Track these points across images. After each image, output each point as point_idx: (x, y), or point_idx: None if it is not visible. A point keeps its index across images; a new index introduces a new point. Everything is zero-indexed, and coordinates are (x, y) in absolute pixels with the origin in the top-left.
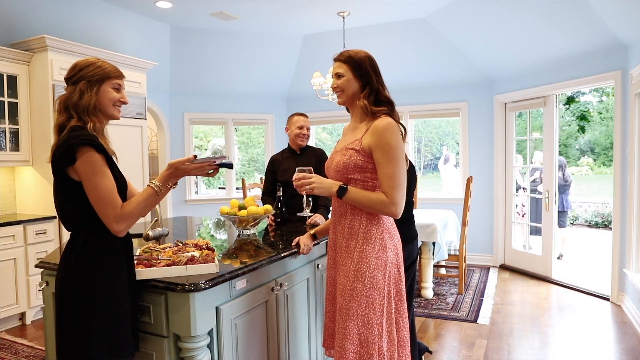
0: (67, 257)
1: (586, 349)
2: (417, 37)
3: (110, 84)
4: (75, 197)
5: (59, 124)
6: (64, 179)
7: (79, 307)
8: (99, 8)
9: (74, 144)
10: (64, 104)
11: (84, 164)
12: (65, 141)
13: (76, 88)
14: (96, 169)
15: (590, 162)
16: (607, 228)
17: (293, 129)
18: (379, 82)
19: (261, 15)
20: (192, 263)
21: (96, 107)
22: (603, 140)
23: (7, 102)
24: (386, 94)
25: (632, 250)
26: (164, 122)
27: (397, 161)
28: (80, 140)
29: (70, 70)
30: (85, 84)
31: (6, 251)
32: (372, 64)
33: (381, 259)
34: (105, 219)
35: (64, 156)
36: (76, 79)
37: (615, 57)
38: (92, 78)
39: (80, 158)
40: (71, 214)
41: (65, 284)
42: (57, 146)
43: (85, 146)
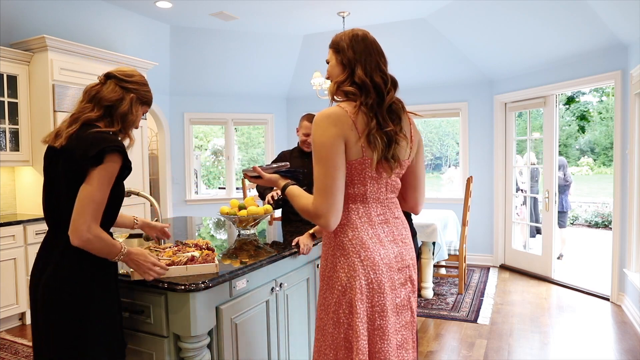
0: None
1: (586, 349)
2: (417, 37)
3: (144, 109)
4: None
5: (88, 118)
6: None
7: (76, 308)
8: (99, 8)
9: (106, 148)
10: (104, 102)
11: (103, 169)
12: (96, 141)
13: (125, 97)
14: (108, 178)
15: (590, 162)
16: (607, 228)
17: (300, 134)
18: (357, 61)
19: (261, 15)
20: (192, 263)
21: (133, 124)
22: (603, 140)
23: (7, 102)
24: (361, 75)
25: (632, 250)
26: (164, 122)
27: (319, 162)
28: (113, 145)
29: (126, 75)
30: (136, 98)
31: (6, 251)
32: (353, 42)
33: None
34: (79, 221)
35: (92, 158)
36: (129, 89)
37: (615, 57)
38: (142, 97)
39: (105, 163)
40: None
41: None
42: (83, 142)
43: (116, 153)
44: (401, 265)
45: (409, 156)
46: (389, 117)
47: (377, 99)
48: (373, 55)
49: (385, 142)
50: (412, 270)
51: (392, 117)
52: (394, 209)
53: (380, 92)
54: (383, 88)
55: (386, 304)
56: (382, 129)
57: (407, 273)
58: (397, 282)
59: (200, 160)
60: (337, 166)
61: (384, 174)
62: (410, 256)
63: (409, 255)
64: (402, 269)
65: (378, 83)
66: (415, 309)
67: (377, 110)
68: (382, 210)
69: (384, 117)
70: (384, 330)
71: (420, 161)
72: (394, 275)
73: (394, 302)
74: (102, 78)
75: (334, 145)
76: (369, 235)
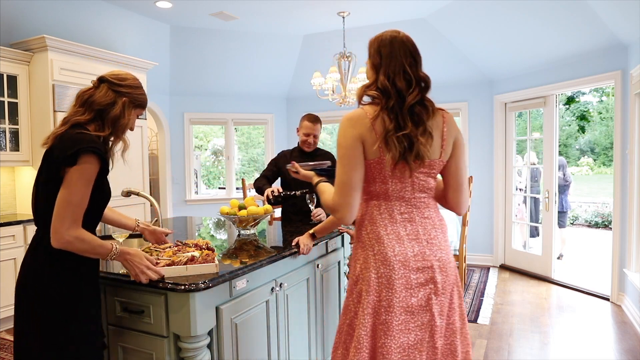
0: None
1: (586, 349)
2: (417, 37)
3: (138, 112)
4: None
5: (78, 121)
6: (59, 178)
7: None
8: (99, 8)
9: (81, 149)
10: (96, 106)
11: (78, 170)
12: (73, 142)
13: (117, 101)
14: (85, 179)
15: (590, 162)
16: (607, 228)
17: (300, 134)
18: (381, 66)
19: (261, 15)
20: (193, 263)
21: (125, 128)
22: (603, 140)
23: (7, 102)
24: (382, 80)
25: (632, 250)
26: (164, 122)
27: (340, 160)
28: (89, 146)
29: (119, 79)
30: (128, 102)
31: (6, 251)
32: (380, 46)
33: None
34: (58, 223)
35: (66, 158)
36: (121, 92)
37: (615, 57)
38: (135, 101)
39: (79, 164)
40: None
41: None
42: (62, 142)
43: (91, 154)
44: (421, 265)
45: (440, 155)
46: (410, 119)
47: (398, 102)
48: (398, 58)
49: (405, 144)
50: (435, 272)
51: (413, 119)
52: (424, 209)
53: (402, 94)
54: (405, 90)
55: (394, 300)
56: (400, 131)
57: (429, 274)
58: (415, 282)
59: (200, 160)
60: (354, 165)
61: (407, 174)
62: (436, 257)
63: (435, 256)
64: (423, 269)
65: (400, 86)
66: (440, 312)
67: (397, 112)
68: (407, 209)
69: (404, 119)
70: (389, 326)
71: (458, 161)
72: (411, 274)
73: (407, 300)
74: (95, 82)
75: (351, 145)
76: (387, 231)
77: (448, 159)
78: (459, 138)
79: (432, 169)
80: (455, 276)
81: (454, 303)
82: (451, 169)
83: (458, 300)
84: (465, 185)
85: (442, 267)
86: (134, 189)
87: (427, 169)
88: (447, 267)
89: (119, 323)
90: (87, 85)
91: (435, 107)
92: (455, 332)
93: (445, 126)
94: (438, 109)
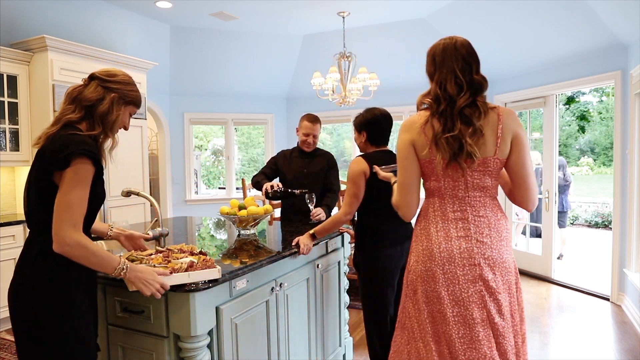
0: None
1: (586, 349)
2: (417, 37)
3: (130, 110)
4: (51, 199)
5: (70, 120)
6: (49, 181)
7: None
8: (99, 8)
9: (72, 152)
10: (85, 103)
11: (72, 172)
12: (63, 145)
13: (106, 96)
14: (80, 181)
15: (590, 162)
16: (607, 228)
17: (300, 134)
18: (434, 74)
19: (261, 15)
20: (193, 269)
21: (114, 124)
22: (603, 140)
23: (7, 102)
24: (434, 89)
25: (632, 250)
26: (164, 122)
27: (398, 162)
28: (81, 149)
29: (108, 75)
30: (117, 98)
31: (6, 251)
32: (434, 55)
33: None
34: (57, 227)
35: (58, 161)
36: (110, 88)
37: (615, 57)
38: (125, 97)
39: (72, 166)
40: (40, 214)
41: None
42: (53, 143)
43: (83, 157)
44: (468, 262)
45: (495, 153)
46: (460, 121)
47: (449, 106)
48: (449, 64)
49: (455, 145)
50: (483, 269)
51: (463, 120)
52: (479, 208)
53: (453, 99)
54: (456, 95)
55: (441, 293)
56: (448, 133)
57: (477, 271)
58: (462, 278)
59: (200, 160)
60: (407, 167)
61: (459, 173)
62: (484, 255)
63: (483, 255)
64: (470, 266)
65: (451, 92)
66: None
67: (447, 116)
68: (461, 207)
69: (453, 121)
70: (445, 316)
71: (519, 158)
72: (457, 269)
73: (456, 294)
74: (85, 80)
75: (404, 149)
76: (437, 228)
77: (508, 156)
78: (518, 134)
79: (487, 167)
80: (512, 276)
81: (515, 307)
82: (512, 166)
83: (519, 305)
84: (530, 182)
85: (492, 265)
86: (134, 189)
87: (481, 167)
88: (498, 266)
89: (119, 323)
90: (75, 84)
91: (488, 107)
92: (517, 334)
93: (501, 123)
94: (492, 107)
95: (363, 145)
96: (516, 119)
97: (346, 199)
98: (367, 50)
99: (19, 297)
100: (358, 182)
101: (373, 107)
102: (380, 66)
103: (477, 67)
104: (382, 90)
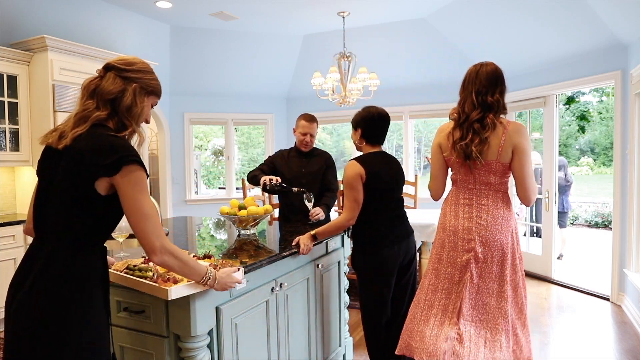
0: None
1: (586, 349)
2: (417, 37)
3: (152, 101)
4: (87, 211)
5: (99, 117)
6: (88, 188)
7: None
8: (99, 8)
9: (124, 158)
10: (106, 97)
11: (133, 177)
12: (110, 150)
13: (127, 88)
14: (143, 189)
15: (590, 162)
16: (607, 228)
17: (297, 133)
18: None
19: (261, 15)
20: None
21: (139, 118)
22: (603, 140)
23: (7, 102)
24: (457, 108)
25: (632, 250)
26: (164, 122)
27: (431, 158)
28: (131, 156)
29: (126, 64)
30: (139, 89)
31: (6, 251)
32: (465, 81)
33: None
34: (147, 237)
35: (106, 167)
36: (130, 78)
37: (615, 57)
38: (146, 87)
39: (127, 173)
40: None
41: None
42: (92, 146)
43: (135, 164)
44: (466, 237)
45: (497, 158)
46: (472, 132)
47: (465, 120)
48: (470, 88)
49: (466, 150)
50: (476, 244)
51: (474, 132)
52: (482, 197)
53: (468, 115)
54: (470, 112)
55: (443, 255)
56: (462, 141)
57: (471, 244)
58: (461, 247)
59: (200, 160)
60: (435, 162)
61: (469, 170)
62: (480, 234)
63: (478, 233)
64: (468, 240)
65: (467, 111)
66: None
67: (464, 128)
68: (469, 196)
69: (467, 132)
70: (438, 272)
71: (518, 164)
72: (458, 241)
73: (453, 258)
74: (101, 71)
75: (434, 148)
76: (451, 209)
77: (511, 161)
78: (519, 145)
79: (490, 168)
80: (502, 252)
81: (505, 275)
82: (513, 169)
83: (512, 274)
84: (527, 183)
85: (483, 242)
86: None
87: (486, 167)
88: (489, 243)
89: (119, 323)
90: (90, 76)
91: (494, 122)
92: (506, 299)
93: (504, 136)
94: (499, 123)
95: (358, 142)
96: (520, 133)
97: (347, 203)
98: (367, 50)
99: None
100: (356, 186)
101: (371, 106)
102: (380, 66)
103: (495, 90)
104: (382, 90)
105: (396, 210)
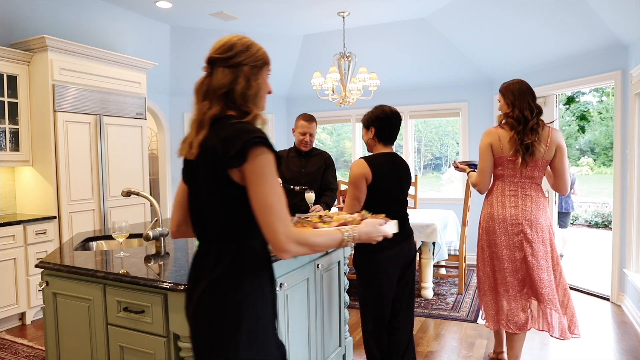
0: (208, 274)
1: (586, 349)
2: (417, 37)
3: (266, 71)
4: (235, 203)
5: (214, 115)
6: (227, 181)
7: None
8: (99, 8)
9: (247, 142)
10: (219, 92)
11: (256, 164)
12: (235, 137)
13: (238, 73)
14: (270, 171)
15: (590, 162)
16: (607, 228)
17: (297, 133)
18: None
19: (261, 15)
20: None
21: (257, 97)
22: (603, 140)
23: (7, 102)
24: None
25: (632, 250)
26: (164, 122)
27: (479, 156)
28: (256, 137)
29: (226, 50)
30: (250, 69)
31: (6, 251)
32: (512, 88)
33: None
34: (271, 233)
35: (232, 158)
36: (236, 63)
37: (615, 57)
38: (256, 63)
39: (253, 159)
40: (230, 222)
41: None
42: (217, 143)
43: (261, 145)
44: (514, 221)
45: (542, 155)
46: (530, 133)
47: (524, 124)
48: (525, 97)
49: (526, 149)
50: (524, 226)
51: (533, 133)
52: (527, 189)
53: (527, 120)
54: (529, 117)
55: (497, 240)
56: (525, 142)
57: (519, 228)
58: (511, 231)
59: None
60: (485, 159)
61: (518, 166)
62: (526, 218)
63: (525, 218)
64: (516, 224)
65: (526, 115)
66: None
67: (523, 130)
68: (514, 188)
69: (526, 133)
70: (498, 254)
71: (560, 160)
72: (508, 226)
73: (507, 241)
74: (207, 68)
75: (484, 148)
76: (497, 200)
77: (553, 158)
78: (561, 144)
79: (537, 164)
80: (547, 232)
81: (548, 252)
82: (555, 165)
83: (552, 252)
84: (566, 176)
85: (530, 224)
86: (134, 189)
87: (533, 164)
88: (534, 225)
89: (119, 323)
90: (201, 76)
91: (544, 125)
92: (553, 273)
93: (549, 137)
94: (545, 126)
95: (371, 142)
96: (560, 135)
97: (348, 201)
98: (367, 50)
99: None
100: (359, 185)
101: (382, 104)
102: (380, 66)
103: (535, 99)
104: (382, 90)
105: (399, 213)
